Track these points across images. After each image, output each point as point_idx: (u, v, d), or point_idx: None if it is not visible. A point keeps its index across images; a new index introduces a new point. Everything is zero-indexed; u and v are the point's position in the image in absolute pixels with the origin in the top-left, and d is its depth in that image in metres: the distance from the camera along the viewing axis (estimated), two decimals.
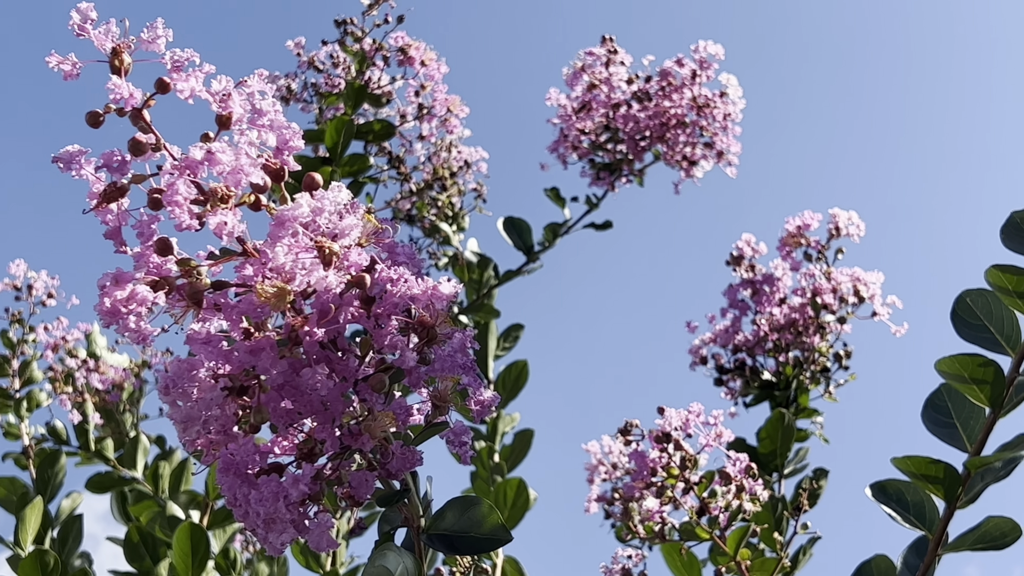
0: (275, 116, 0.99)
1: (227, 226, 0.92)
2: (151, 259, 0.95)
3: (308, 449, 0.97)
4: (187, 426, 0.96)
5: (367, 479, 0.97)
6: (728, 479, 1.61)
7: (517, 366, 2.77)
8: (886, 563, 1.56)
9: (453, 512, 1.03)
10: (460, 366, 0.99)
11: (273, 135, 0.99)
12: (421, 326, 0.99)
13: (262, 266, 0.94)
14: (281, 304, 0.92)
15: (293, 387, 0.95)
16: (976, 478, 1.45)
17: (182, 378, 0.95)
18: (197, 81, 0.97)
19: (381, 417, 0.96)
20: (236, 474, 0.96)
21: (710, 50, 2.67)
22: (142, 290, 0.94)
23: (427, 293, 0.98)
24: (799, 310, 2.50)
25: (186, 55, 0.96)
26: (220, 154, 0.93)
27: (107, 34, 0.95)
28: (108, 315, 0.94)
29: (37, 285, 2.96)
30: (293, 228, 0.93)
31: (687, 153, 2.73)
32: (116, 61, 0.95)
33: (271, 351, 0.93)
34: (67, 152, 0.94)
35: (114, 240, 0.97)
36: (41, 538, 2.26)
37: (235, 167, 0.94)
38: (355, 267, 0.96)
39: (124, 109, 0.95)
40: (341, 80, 2.62)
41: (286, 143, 1.00)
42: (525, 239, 2.83)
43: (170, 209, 0.93)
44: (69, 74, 0.95)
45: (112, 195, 0.95)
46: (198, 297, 0.95)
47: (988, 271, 1.42)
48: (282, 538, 0.95)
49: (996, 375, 1.42)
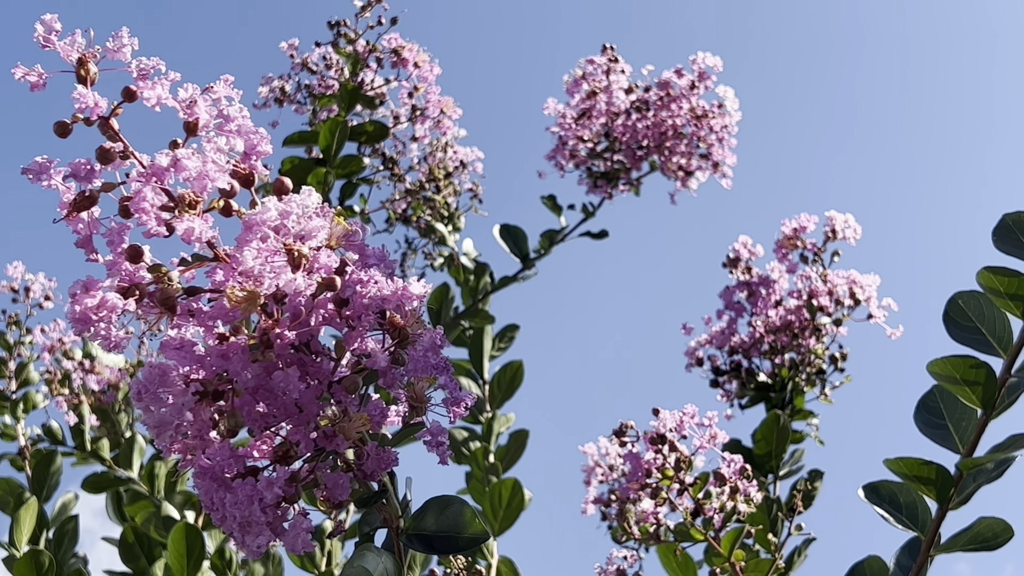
0: (243, 121, 1.00)
1: (195, 231, 0.92)
2: (123, 266, 0.95)
3: (283, 452, 0.97)
4: (160, 431, 0.96)
5: (342, 481, 0.97)
6: (722, 480, 1.61)
7: (512, 367, 2.78)
8: (879, 564, 1.57)
9: (431, 512, 1.03)
10: (433, 366, 0.99)
11: (241, 140, 1.00)
12: (392, 327, 0.99)
13: (233, 270, 0.94)
14: (252, 307, 0.93)
15: (267, 390, 0.95)
16: (968, 479, 1.46)
17: (154, 383, 0.95)
18: (164, 88, 0.97)
19: (356, 418, 0.96)
20: (212, 478, 0.96)
21: (708, 61, 2.68)
22: (112, 297, 0.94)
23: (397, 294, 0.98)
24: (795, 312, 2.50)
25: (152, 63, 0.97)
26: (186, 160, 0.94)
27: (72, 45, 0.95)
28: (79, 322, 0.94)
29: (34, 287, 2.97)
30: (262, 232, 0.94)
31: (683, 164, 2.73)
32: (82, 71, 0.95)
33: (243, 355, 0.94)
34: (36, 163, 0.94)
35: (85, 249, 0.97)
36: (36, 538, 2.26)
37: (201, 172, 0.94)
38: (325, 269, 0.97)
39: (91, 119, 0.95)
40: (335, 82, 2.63)
41: (254, 148, 1.00)
42: (521, 246, 2.83)
43: (138, 216, 0.93)
44: (36, 85, 0.95)
45: (82, 204, 0.95)
46: (171, 303, 0.95)
47: (980, 273, 1.42)
48: (258, 541, 0.95)
49: (988, 377, 1.42)
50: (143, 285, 0.95)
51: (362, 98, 2.58)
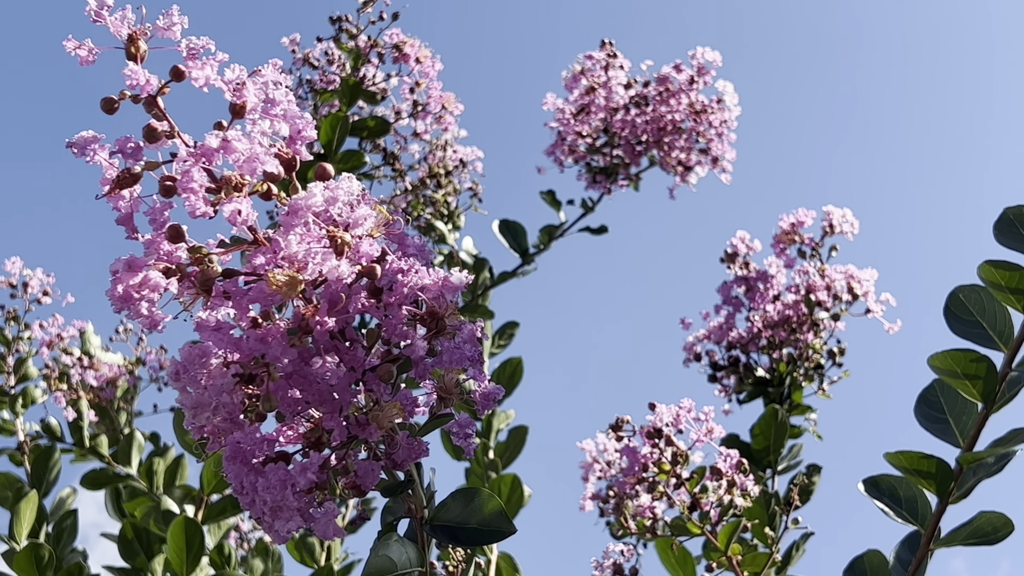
0: (288, 106, 0.99)
1: (241, 214, 0.92)
2: (162, 246, 0.95)
3: (316, 438, 0.97)
4: (197, 412, 0.95)
5: (373, 469, 0.97)
6: (719, 475, 1.61)
7: (512, 363, 2.78)
8: (879, 558, 1.57)
9: (456, 503, 1.03)
10: (468, 358, 0.98)
11: (286, 125, 0.99)
12: (431, 317, 0.98)
13: (273, 255, 0.93)
14: (292, 293, 0.92)
15: (302, 376, 0.94)
16: (968, 473, 1.46)
17: (193, 364, 0.95)
18: (212, 69, 0.96)
19: (388, 407, 0.95)
20: (243, 462, 0.96)
21: (708, 56, 2.68)
22: (155, 276, 0.94)
23: (437, 284, 0.97)
24: (793, 307, 2.51)
25: (201, 43, 0.96)
26: (236, 142, 0.93)
27: (123, 20, 0.95)
28: (120, 300, 0.93)
29: (33, 283, 2.97)
30: (306, 217, 0.93)
31: (683, 158, 2.73)
32: (132, 48, 0.95)
33: (281, 339, 0.93)
34: (82, 138, 0.94)
35: (126, 226, 0.96)
36: (36, 533, 2.26)
37: (251, 155, 0.94)
38: (366, 257, 0.96)
39: (139, 96, 0.94)
40: (336, 77, 2.63)
41: (299, 133, 1.00)
42: (520, 241, 2.83)
43: (185, 196, 0.92)
44: (85, 60, 0.94)
45: (126, 181, 0.95)
46: (209, 285, 0.95)
47: (981, 267, 1.42)
48: (288, 526, 0.95)
49: (989, 370, 1.42)
50: (182, 265, 0.95)
51: (364, 93, 2.58)
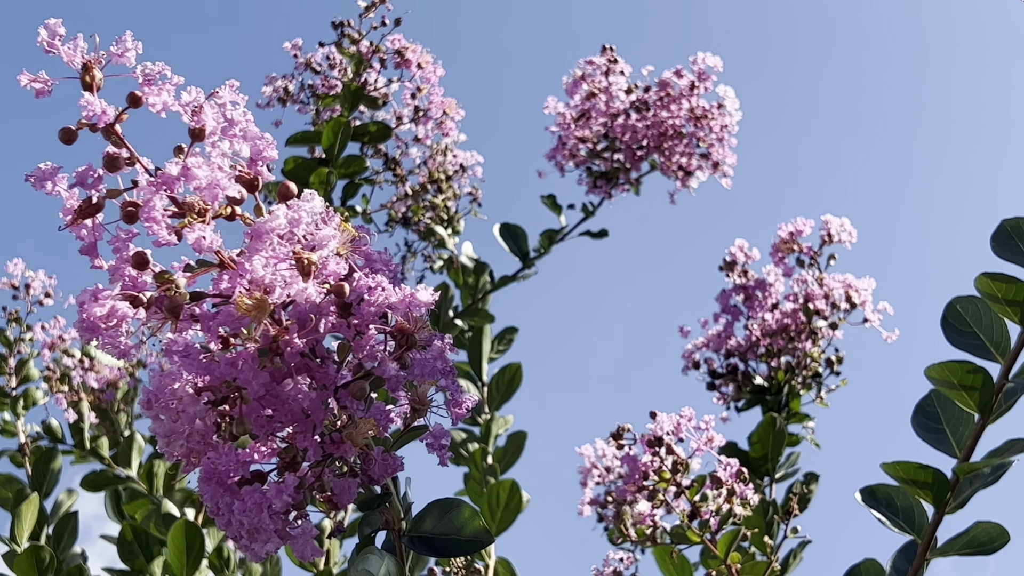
0: (247, 126, 0.99)
1: (205, 240, 0.92)
2: (127, 273, 0.94)
3: (291, 458, 0.97)
4: (171, 440, 0.95)
5: (349, 486, 0.97)
6: (719, 483, 1.62)
7: (511, 369, 2.78)
8: (875, 567, 1.58)
9: (433, 515, 1.03)
10: (440, 371, 0.99)
11: (247, 145, 0.99)
12: (400, 333, 0.98)
13: (239, 277, 0.93)
14: (262, 316, 0.92)
15: (274, 396, 0.94)
16: (965, 483, 1.47)
17: (163, 392, 0.95)
18: (169, 94, 0.96)
19: (362, 424, 0.95)
20: (218, 483, 0.96)
21: (708, 62, 2.69)
22: (121, 306, 0.93)
23: (405, 301, 0.97)
24: (791, 315, 2.52)
25: (157, 68, 0.96)
26: (196, 169, 0.93)
27: (76, 49, 0.94)
28: (88, 331, 0.93)
29: (35, 284, 2.97)
30: (270, 240, 0.93)
31: (683, 163, 2.74)
32: (87, 77, 0.94)
33: (252, 363, 0.93)
34: (39, 170, 0.93)
35: (89, 255, 0.96)
36: (37, 535, 2.26)
37: (212, 181, 0.93)
38: (334, 276, 0.96)
39: (97, 125, 0.94)
40: (338, 82, 2.64)
41: (260, 153, 0.99)
42: (521, 245, 2.84)
43: (148, 226, 0.92)
44: (41, 92, 0.94)
45: (87, 211, 0.94)
46: (177, 311, 0.94)
47: (978, 279, 1.43)
48: (266, 548, 0.96)
49: (985, 382, 1.43)
50: (148, 291, 0.95)
51: (365, 98, 2.59)
